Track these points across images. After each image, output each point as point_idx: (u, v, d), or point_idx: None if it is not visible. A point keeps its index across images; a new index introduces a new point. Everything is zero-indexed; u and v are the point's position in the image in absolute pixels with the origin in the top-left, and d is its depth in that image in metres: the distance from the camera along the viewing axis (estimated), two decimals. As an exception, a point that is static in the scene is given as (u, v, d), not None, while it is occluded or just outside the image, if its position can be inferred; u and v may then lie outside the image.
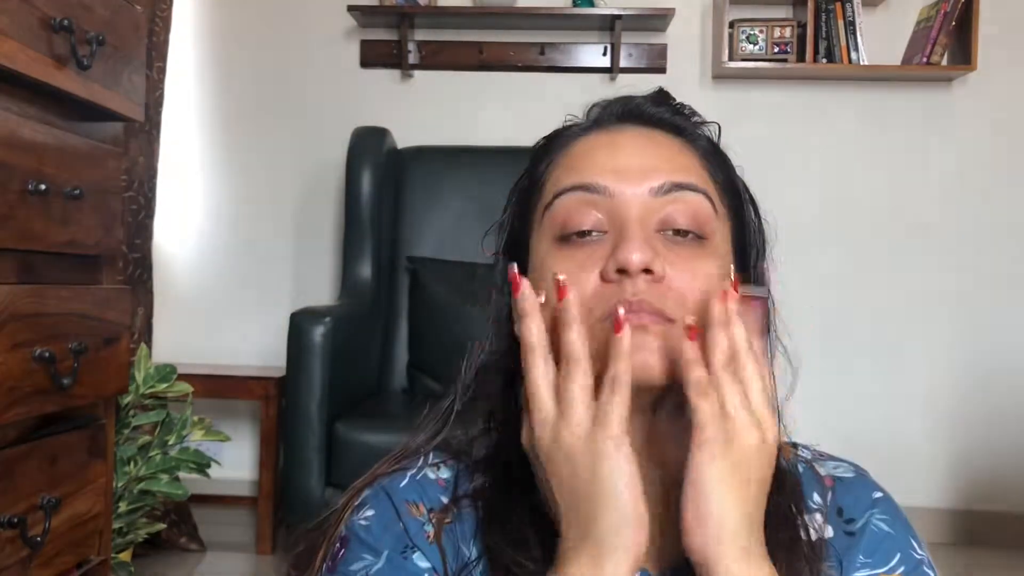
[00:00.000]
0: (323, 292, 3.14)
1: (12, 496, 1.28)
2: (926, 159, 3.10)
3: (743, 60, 3.03)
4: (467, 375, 0.74)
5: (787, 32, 3.02)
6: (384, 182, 2.91)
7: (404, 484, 0.70)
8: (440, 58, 3.15)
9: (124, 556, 2.22)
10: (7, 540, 1.27)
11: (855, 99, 3.11)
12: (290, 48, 3.17)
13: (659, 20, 3.05)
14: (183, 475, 2.26)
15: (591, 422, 0.59)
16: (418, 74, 3.18)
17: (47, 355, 1.31)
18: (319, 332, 2.37)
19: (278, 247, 3.19)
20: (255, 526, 2.87)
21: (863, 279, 3.09)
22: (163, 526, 2.35)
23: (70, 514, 1.43)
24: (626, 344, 0.59)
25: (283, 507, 2.56)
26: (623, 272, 0.62)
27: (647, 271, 0.62)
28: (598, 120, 0.73)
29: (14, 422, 1.29)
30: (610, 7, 3.01)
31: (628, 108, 0.73)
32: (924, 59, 2.94)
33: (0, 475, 1.26)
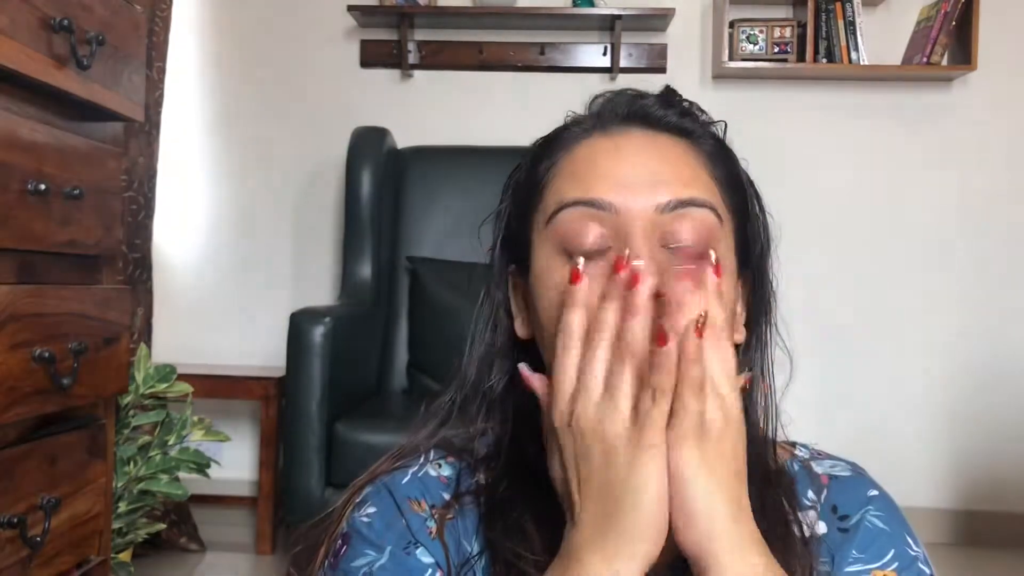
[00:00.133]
0: (323, 292, 3.14)
1: (12, 496, 1.28)
2: (926, 159, 3.10)
3: (743, 60, 3.03)
4: (467, 371, 0.74)
5: (787, 32, 3.02)
6: (384, 182, 2.91)
7: (406, 481, 0.69)
8: (440, 58, 3.16)
9: (124, 556, 2.22)
10: (7, 540, 1.27)
11: (855, 99, 3.11)
12: (290, 48, 3.17)
13: (659, 20, 3.05)
14: (183, 475, 2.26)
15: (621, 417, 0.58)
16: (418, 74, 3.18)
17: (47, 355, 1.31)
18: (319, 332, 2.37)
19: (278, 247, 3.19)
20: (255, 526, 2.87)
21: (863, 279, 3.09)
22: (163, 526, 2.35)
23: (70, 514, 1.43)
24: (673, 357, 0.57)
25: (283, 507, 2.56)
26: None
27: (656, 294, 0.61)
28: (601, 119, 0.71)
29: (14, 422, 1.29)
30: (610, 7, 3.01)
31: (634, 109, 0.70)
32: (924, 59, 2.94)
33: (0, 475, 1.26)
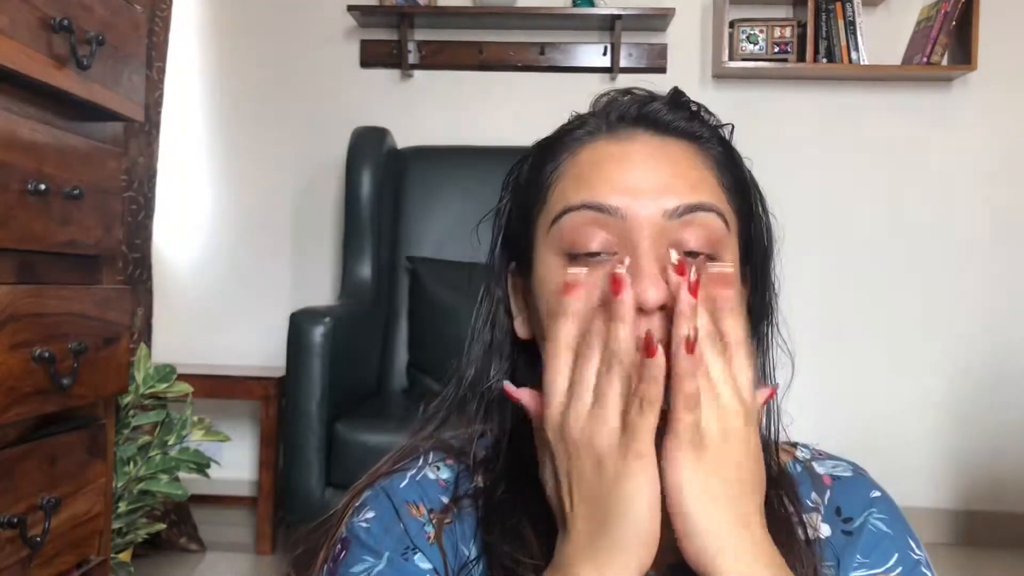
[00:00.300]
0: (323, 292, 3.14)
1: (12, 496, 1.28)
2: (926, 159, 3.10)
3: (743, 60, 3.03)
4: (465, 371, 0.73)
5: (787, 32, 3.02)
6: (384, 182, 2.91)
7: (404, 485, 0.69)
8: (440, 58, 3.15)
9: (124, 556, 2.22)
10: (7, 540, 1.27)
11: (855, 99, 3.11)
12: (290, 48, 3.17)
13: (659, 20, 3.05)
14: (183, 475, 2.26)
15: (611, 429, 0.57)
16: (418, 74, 3.18)
17: (47, 355, 1.31)
18: (319, 332, 2.37)
19: (278, 247, 3.19)
20: (255, 526, 2.87)
21: (862, 279, 3.09)
22: (163, 526, 2.35)
23: (70, 514, 1.43)
24: (660, 369, 0.57)
25: (283, 507, 2.56)
26: (638, 309, 0.60)
27: (661, 307, 0.60)
28: (608, 122, 0.69)
29: (14, 422, 1.29)
30: (610, 7, 3.01)
31: (641, 113, 0.69)
32: (924, 59, 2.94)
33: (0, 475, 1.26)
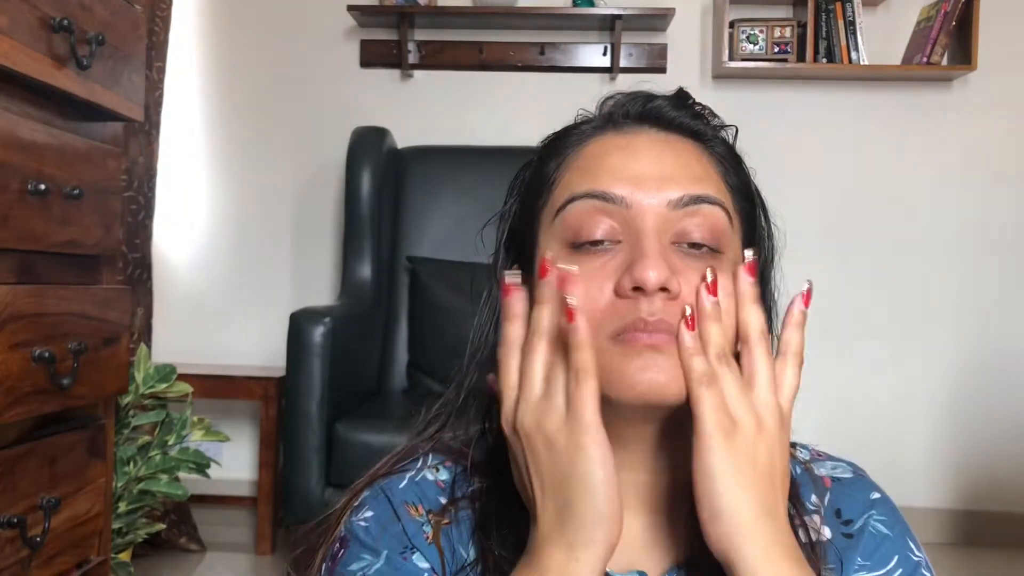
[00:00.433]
0: (323, 292, 3.14)
1: (12, 496, 1.28)
2: (926, 159, 3.09)
3: (743, 60, 3.03)
4: (466, 373, 0.73)
5: (787, 32, 3.02)
6: (384, 182, 2.91)
7: (403, 486, 0.69)
8: (440, 58, 3.15)
9: (124, 556, 2.22)
10: (7, 540, 1.27)
11: (855, 99, 3.11)
12: (290, 48, 3.17)
13: (659, 20, 3.05)
14: (183, 475, 2.26)
15: (559, 412, 0.59)
16: (418, 74, 3.18)
17: (47, 355, 1.31)
18: (319, 332, 2.37)
19: (278, 247, 3.19)
20: (255, 526, 2.87)
21: (862, 279, 3.09)
22: (163, 526, 2.35)
23: (70, 514, 1.43)
24: (582, 334, 0.59)
25: (283, 507, 2.56)
26: (639, 289, 0.61)
27: (663, 289, 0.61)
28: (613, 119, 0.70)
29: (14, 422, 1.29)
30: (610, 7, 3.01)
31: (647, 110, 0.70)
32: (924, 59, 2.94)
33: (0, 475, 1.26)
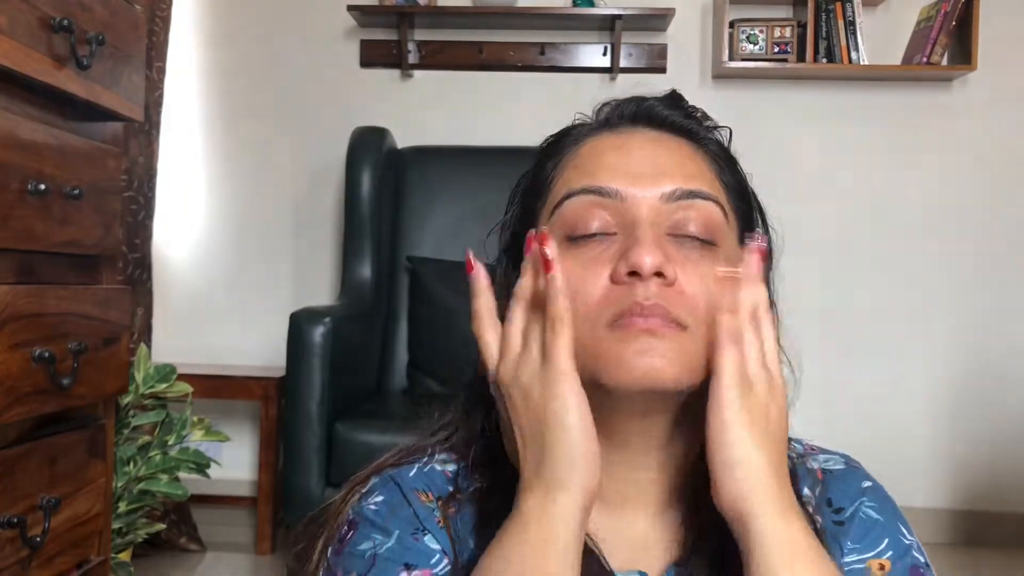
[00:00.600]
0: (323, 292, 3.14)
1: (12, 496, 1.28)
2: (926, 159, 3.09)
3: (743, 60, 3.03)
4: (472, 379, 0.74)
5: (787, 32, 3.02)
6: (384, 182, 2.91)
7: (412, 474, 0.70)
8: (440, 58, 3.15)
9: (124, 556, 2.22)
10: (7, 540, 1.27)
11: (855, 99, 3.11)
12: (290, 48, 3.17)
13: (659, 20, 3.05)
14: (183, 475, 2.26)
15: (536, 363, 0.61)
16: (418, 74, 3.18)
17: (47, 355, 1.31)
18: (319, 332, 2.37)
19: (278, 247, 3.19)
20: (255, 526, 2.87)
21: (862, 279, 3.09)
22: (163, 526, 2.35)
23: (70, 514, 1.43)
24: (559, 283, 0.61)
25: (283, 507, 2.56)
26: (634, 274, 0.61)
27: (659, 275, 0.61)
28: (609, 121, 0.72)
29: (14, 422, 1.29)
30: (610, 7, 3.00)
31: (640, 110, 0.71)
32: (924, 59, 2.94)
33: (0, 475, 1.26)
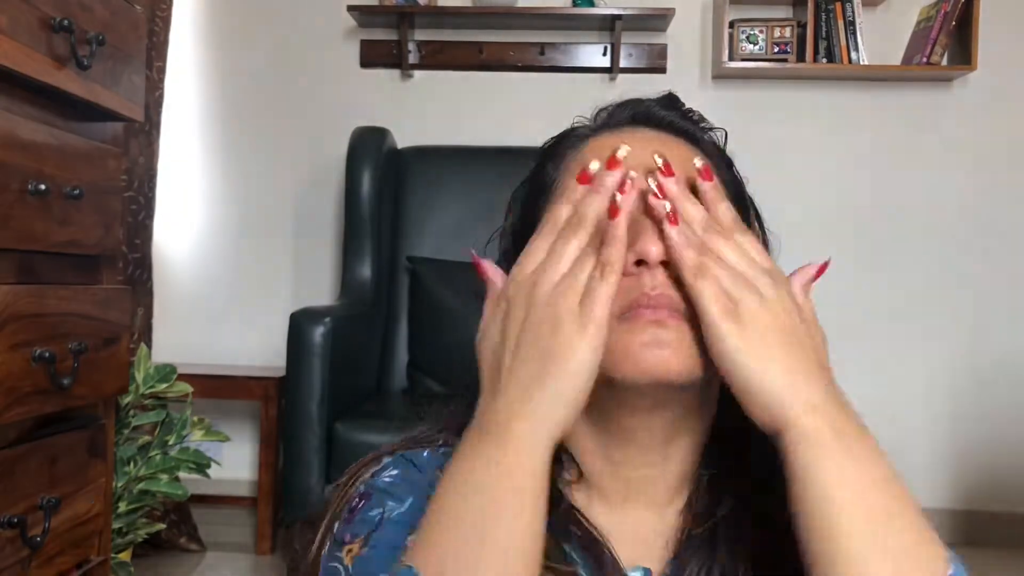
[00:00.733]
0: (323, 292, 3.14)
1: (12, 496, 1.28)
2: (926, 159, 3.09)
3: (743, 60, 3.03)
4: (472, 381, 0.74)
5: (787, 32, 3.02)
6: (384, 182, 2.91)
7: (426, 455, 0.71)
8: (440, 58, 3.15)
9: (124, 556, 2.22)
10: (7, 540, 1.27)
11: (855, 99, 3.11)
12: (290, 48, 3.17)
13: (659, 20, 3.05)
14: (183, 475, 2.26)
15: (577, 295, 0.59)
16: (418, 74, 3.18)
17: (47, 355, 1.31)
18: (319, 332, 2.37)
19: (278, 247, 3.19)
20: (255, 526, 2.87)
21: (862, 279, 3.09)
22: (163, 526, 2.35)
23: (70, 514, 1.43)
24: (621, 230, 0.60)
25: (283, 507, 2.56)
26: (641, 264, 0.61)
27: (664, 264, 0.61)
28: (609, 123, 0.73)
29: (14, 422, 1.29)
30: (610, 7, 3.00)
31: (638, 111, 0.73)
32: (924, 59, 2.94)
33: (0, 475, 1.26)
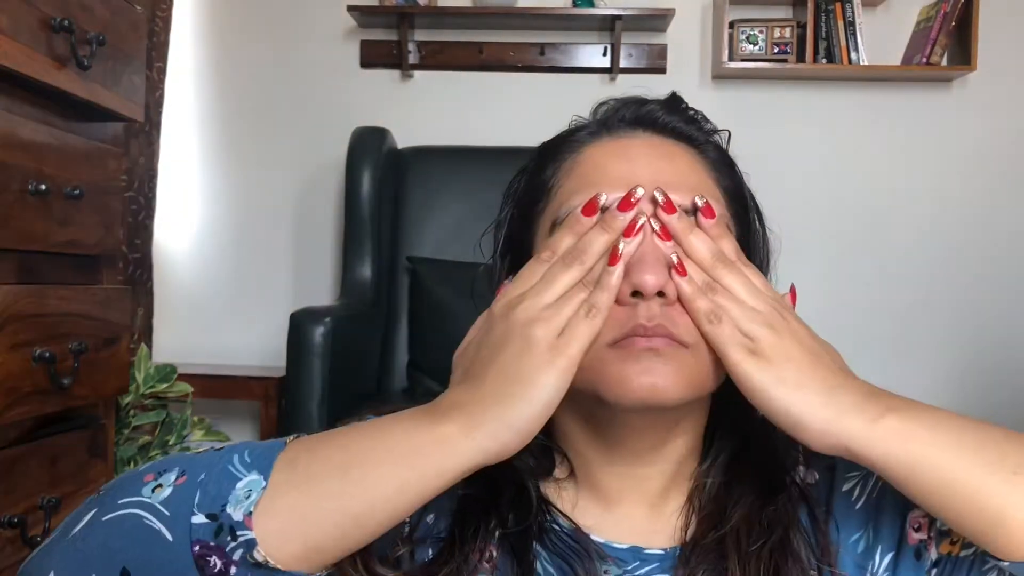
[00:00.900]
0: (323, 292, 3.14)
1: (12, 496, 1.29)
2: (926, 159, 3.10)
3: (743, 60, 3.03)
4: None
5: (787, 32, 3.02)
6: (384, 182, 2.91)
7: None
8: (440, 58, 3.15)
9: (124, 556, 2.22)
10: (7, 540, 1.27)
11: (855, 99, 3.11)
12: (290, 48, 3.17)
13: (659, 20, 3.05)
14: (183, 475, 2.25)
15: (557, 328, 0.59)
16: (418, 74, 3.18)
17: (47, 355, 1.31)
18: (319, 332, 2.37)
19: (278, 247, 3.19)
20: (255, 526, 2.86)
21: (862, 279, 3.09)
22: (163, 526, 2.34)
23: (70, 514, 1.43)
24: (616, 280, 0.61)
25: (283, 507, 2.56)
26: (638, 294, 0.62)
27: (660, 294, 0.62)
28: (608, 124, 0.72)
29: (14, 422, 1.29)
30: (610, 7, 3.00)
31: (640, 114, 0.71)
32: (924, 59, 2.94)
33: (0, 475, 1.26)
